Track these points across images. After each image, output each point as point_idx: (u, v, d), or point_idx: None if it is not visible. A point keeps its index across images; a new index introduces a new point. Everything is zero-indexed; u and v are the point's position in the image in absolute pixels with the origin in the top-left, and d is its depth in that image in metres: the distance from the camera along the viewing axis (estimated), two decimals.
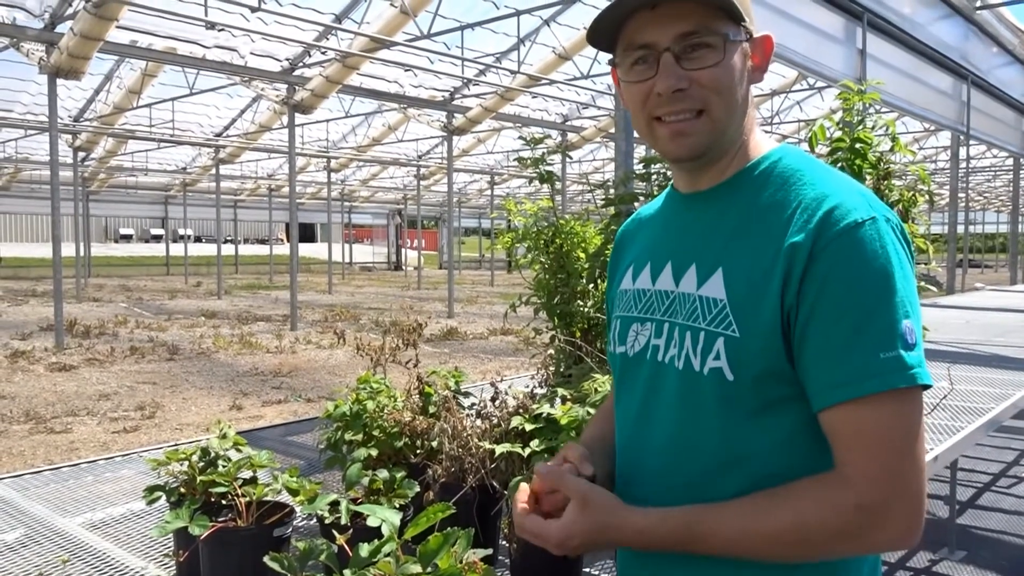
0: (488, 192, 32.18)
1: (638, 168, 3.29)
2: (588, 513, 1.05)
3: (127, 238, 42.27)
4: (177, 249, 36.38)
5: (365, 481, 1.78)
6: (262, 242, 42.92)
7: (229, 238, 38.80)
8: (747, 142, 1.13)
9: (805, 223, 1.00)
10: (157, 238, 40.47)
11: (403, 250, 42.76)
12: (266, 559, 1.25)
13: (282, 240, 43.73)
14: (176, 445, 2.49)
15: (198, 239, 41.18)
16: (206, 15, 10.27)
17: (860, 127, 2.81)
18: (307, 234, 45.43)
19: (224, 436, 1.91)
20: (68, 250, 21.64)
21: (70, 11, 10.70)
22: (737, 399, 1.04)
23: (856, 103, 2.88)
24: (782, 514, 0.98)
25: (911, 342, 0.96)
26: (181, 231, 36.45)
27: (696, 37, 1.04)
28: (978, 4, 8.78)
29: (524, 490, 1.13)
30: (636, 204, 2.91)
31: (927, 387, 0.97)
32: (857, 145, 2.71)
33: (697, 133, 1.07)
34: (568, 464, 1.15)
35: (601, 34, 1.10)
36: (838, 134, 2.87)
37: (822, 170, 1.09)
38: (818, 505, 0.97)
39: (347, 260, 38.23)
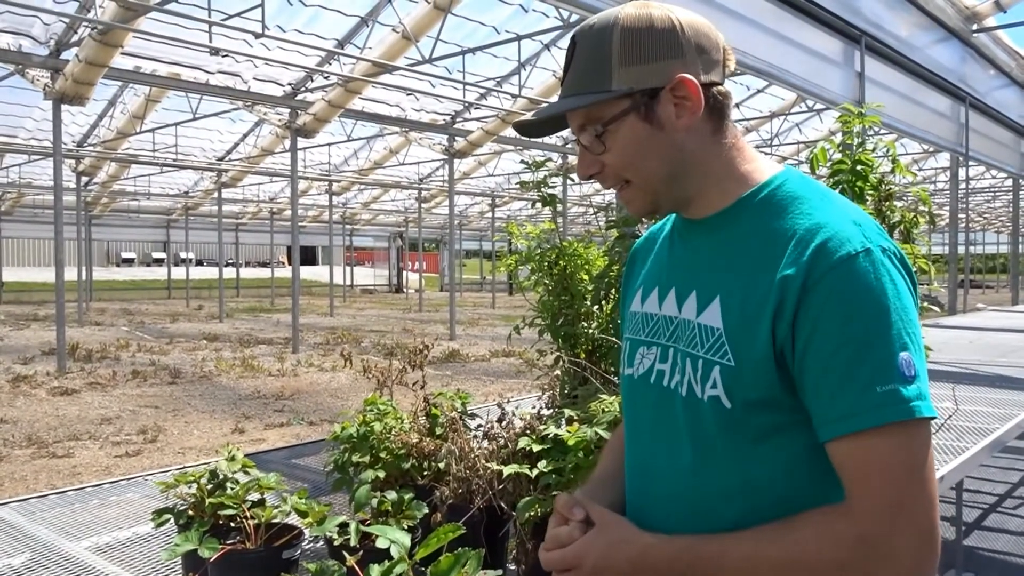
0: (489, 214, 32.29)
1: None
2: (604, 531, 1.09)
3: (129, 262, 42.34)
4: (179, 273, 36.45)
5: (373, 503, 1.79)
6: (263, 265, 42.98)
7: (231, 261, 38.86)
8: (730, 171, 1.13)
9: (798, 256, 1.01)
10: (159, 262, 40.55)
11: (404, 272, 42.82)
12: None
13: (283, 263, 43.81)
14: (183, 468, 2.50)
15: (200, 262, 41.23)
16: (210, 41, 10.38)
17: (860, 149, 2.84)
18: (308, 257, 45.51)
19: (232, 459, 1.91)
20: (70, 274, 21.66)
21: (75, 38, 10.82)
22: (736, 426, 1.05)
23: (856, 126, 2.91)
24: (785, 544, 0.99)
25: (909, 375, 0.96)
26: (183, 255, 36.55)
27: (587, 129, 1.12)
28: (975, 27, 8.87)
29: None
30: (640, 226, 2.93)
31: (931, 419, 0.97)
32: (858, 167, 2.73)
33: (635, 198, 1.15)
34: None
35: (531, 134, 1.22)
36: (838, 156, 2.91)
37: (821, 196, 1.09)
38: (819, 535, 0.98)
39: (348, 283, 38.27)
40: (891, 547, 0.94)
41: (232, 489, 1.83)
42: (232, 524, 1.79)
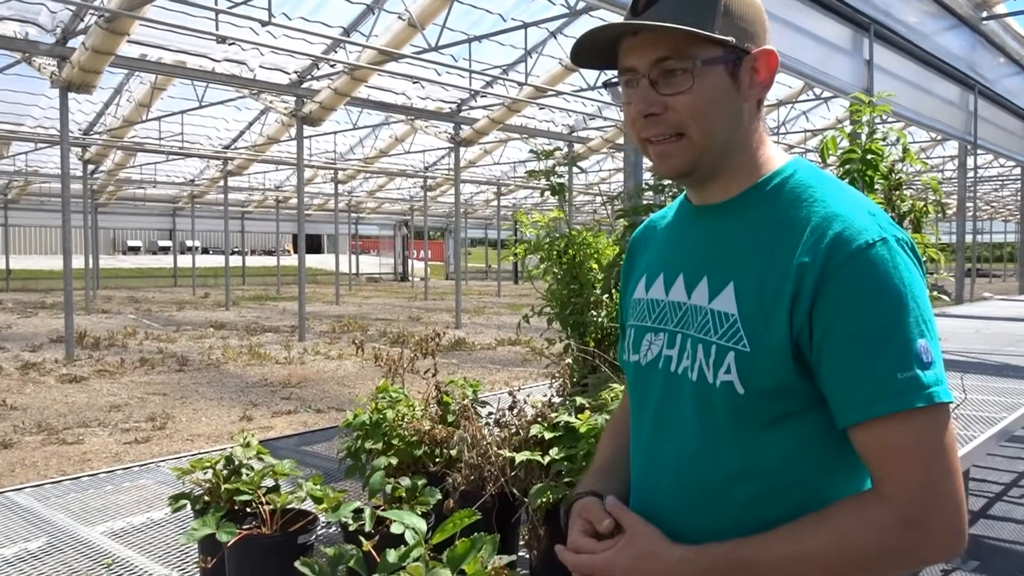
0: (494, 203, 32.25)
1: (648, 180, 3.32)
2: (636, 542, 1.08)
3: (135, 250, 42.42)
4: (185, 261, 36.54)
5: (387, 489, 1.81)
6: (269, 253, 43.04)
7: (236, 249, 38.92)
8: (755, 156, 1.13)
9: (816, 244, 1.01)
10: (165, 250, 40.65)
11: (410, 261, 42.83)
12: (297, 564, 1.27)
13: (289, 251, 43.87)
14: (195, 455, 2.52)
15: (205, 251, 41.27)
16: (217, 29, 10.36)
17: (870, 139, 2.83)
18: (314, 245, 45.54)
19: (247, 445, 1.93)
20: (77, 262, 21.71)
21: (82, 26, 10.82)
22: (748, 412, 1.05)
23: (866, 115, 2.90)
24: (825, 536, 0.99)
25: (927, 361, 0.97)
26: (189, 243, 36.60)
27: (670, 63, 1.06)
28: (984, 15, 8.81)
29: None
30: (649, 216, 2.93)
31: (949, 403, 0.99)
32: (868, 156, 2.73)
33: (678, 154, 1.10)
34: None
35: (584, 56, 1.14)
36: (847, 145, 2.90)
37: (833, 187, 1.10)
38: (860, 523, 0.98)
39: (354, 271, 38.31)
40: (928, 525, 0.97)
41: (247, 475, 1.85)
42: (248, 510, 1.81)
